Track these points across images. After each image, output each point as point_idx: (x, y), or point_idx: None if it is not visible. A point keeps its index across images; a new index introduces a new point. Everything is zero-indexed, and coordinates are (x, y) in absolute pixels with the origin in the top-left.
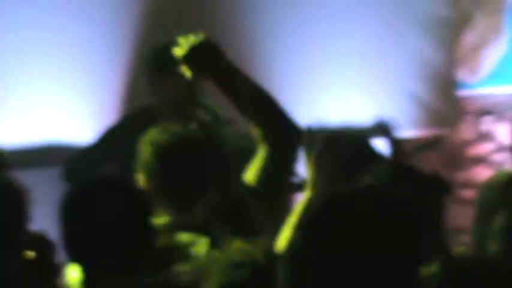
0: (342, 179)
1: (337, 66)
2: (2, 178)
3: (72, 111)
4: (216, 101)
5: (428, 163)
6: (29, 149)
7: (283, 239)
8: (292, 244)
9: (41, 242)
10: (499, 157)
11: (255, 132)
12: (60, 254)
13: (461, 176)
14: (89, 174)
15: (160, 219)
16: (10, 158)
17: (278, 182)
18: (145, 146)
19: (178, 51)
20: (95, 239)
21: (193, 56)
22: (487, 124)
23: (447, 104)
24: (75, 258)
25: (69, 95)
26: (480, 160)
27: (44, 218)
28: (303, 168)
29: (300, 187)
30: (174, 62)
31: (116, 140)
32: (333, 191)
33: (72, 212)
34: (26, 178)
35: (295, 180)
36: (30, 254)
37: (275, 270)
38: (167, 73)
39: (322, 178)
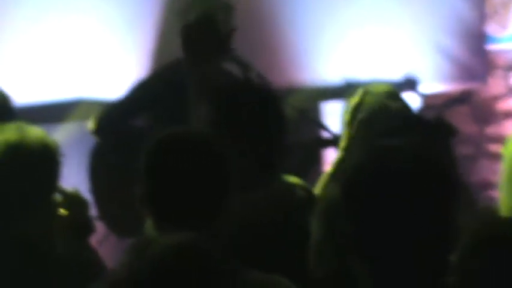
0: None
1: (368, 20)
2: (36, 134)
3: (101, 66)
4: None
5: (458, 117)
6: (59, 104)
7: (318, 191)
8: (330, 196)
9: (73, 199)
10: None
11: None
12: (92, 211)
13: (491, 130)
14: (118, 127)
15: None
16: (41, 113)
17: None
18: None
19: None
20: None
21: None
22: None
23: (477, 58)
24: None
25: (99, 50)
26: (510, 114)
27: (73, 173)
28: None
29: (331, 142)
30: (204, 15)
31: (147, 93)
32: (372, 147)
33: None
34: (56, 133)
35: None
36: (63, 211)
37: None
38: (197, 26)
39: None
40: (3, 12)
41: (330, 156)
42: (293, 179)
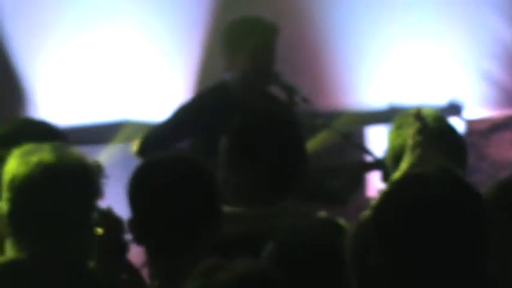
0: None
1: (412, 44)
2: (72, 154)
3: (145, 88)
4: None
5: (502, 143)
6: (104, 126)
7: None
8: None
9: (108, 218)
10: None
11: None
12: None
13: None
14: (161, 150)
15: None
16: (85, 134)
17: None
18: None
19: None
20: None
21: None
22: None
23: None
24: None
25: (144, 72)
26: None
27: (117, 195)
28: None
29: (374, 166)
30: (247, 37)
31: (189, 117)
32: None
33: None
34: (101, 154)
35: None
36: (98, 230)
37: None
38: (240, 48)
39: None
40: (52, 32)
41: (374, 181)
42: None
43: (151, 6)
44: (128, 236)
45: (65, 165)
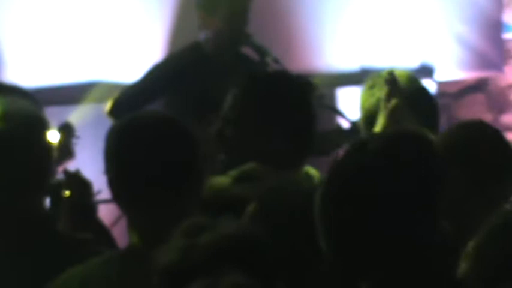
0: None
1: (385, 7)
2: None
3: (118, 48)
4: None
5: (473, 106)
6: (75, 86)
7: None
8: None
9: (75, 181)
10: None
11: None
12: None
13: (506, 119)
14: (135, 109)
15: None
16: (57, 95)
17: None
18: None
19: None
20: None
21: None
22: None
23: (493, 47)
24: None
25: (116, 32)
26: None
27: (89, 154)
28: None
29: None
30: (225, 3)
31: (164, 76)
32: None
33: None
34: (72, 115)
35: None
36: (66, 192)
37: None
38: (215, 9)
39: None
40: None
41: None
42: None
43: None
44: (95, 198)
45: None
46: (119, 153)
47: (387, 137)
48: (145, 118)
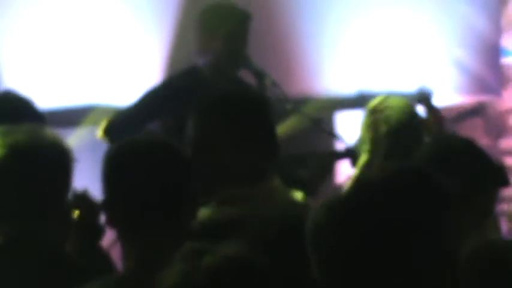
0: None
1: (384, 32)
2: (48, 136)
3: (116, 73)
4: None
5: (472, 130)
6: (72, 109)
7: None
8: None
9: (84, 201)
10: None
11: None
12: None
13: (504, 143)
14: (130, 133)
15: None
16: (54, 118)
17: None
18: None
19: None
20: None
21: None
22: None
23: (492, 71)
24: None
25: (114, 56)
26: None
27: (85, 178)
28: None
29: (344, 154)
30: (221, 22)
31: (161, 98)
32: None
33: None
34: (69, 138)
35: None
36: (74, 213)
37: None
38: (214, 33)
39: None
40: (20, 18)
41: (344, 168)
42: (298, 195)
43: None
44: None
45: (38, 146)
46: (114, 177)
47: (388, 172)
48: (140, 142)
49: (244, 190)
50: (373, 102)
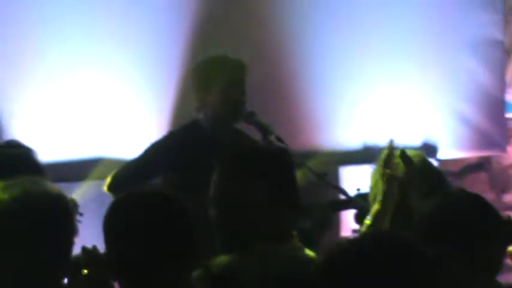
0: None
1: (388, 86)
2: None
3: (122, 126)
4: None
5: (476, 185)
6: (79, 162)
7: None
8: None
9: (94, 258)
10: None
11: None
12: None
13: (509, 198)
14: (133, 186)
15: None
16: (60, 171)
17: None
18: None
19: None
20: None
21: None
22: None
23: (496, 126)
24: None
25: (120, 111)
26: None
27: (92, 232)
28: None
29: (344, 204)
30: (215, 75)
31: (162, 153)
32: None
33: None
34: (76, 191)
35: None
36: (84, 270)
37: None
38: (209, 86)
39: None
40: (27, 70)
41: (348, 221)
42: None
43: (127, 45)
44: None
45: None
46: (114, 231)
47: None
48: (140, 197)
49: (270, 246)
50: (384, 153)
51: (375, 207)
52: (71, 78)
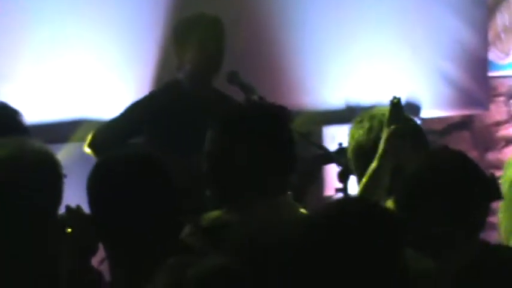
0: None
1: (370, 44)
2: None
3: (104, 87)
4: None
5: (459, 143)
6: (60, 124)
7: None
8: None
9: (78, 217)
10: None
11: None
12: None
13: (492, 156)
14: (112, 146)
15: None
16: (42, 133)
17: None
18: None
19: None
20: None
21: None
22: None
23: (479, 84)
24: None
25: (103, 70)
26: (511, 141)
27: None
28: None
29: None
30: (191, 32)
31: (142, 113)
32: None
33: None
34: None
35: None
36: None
37: None
38: (186, 44)
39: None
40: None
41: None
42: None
43: (110, 4)
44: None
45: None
46: (97, 192)
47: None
48: (124, 158)
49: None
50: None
51: (373, 165)
52: (53, 37)
